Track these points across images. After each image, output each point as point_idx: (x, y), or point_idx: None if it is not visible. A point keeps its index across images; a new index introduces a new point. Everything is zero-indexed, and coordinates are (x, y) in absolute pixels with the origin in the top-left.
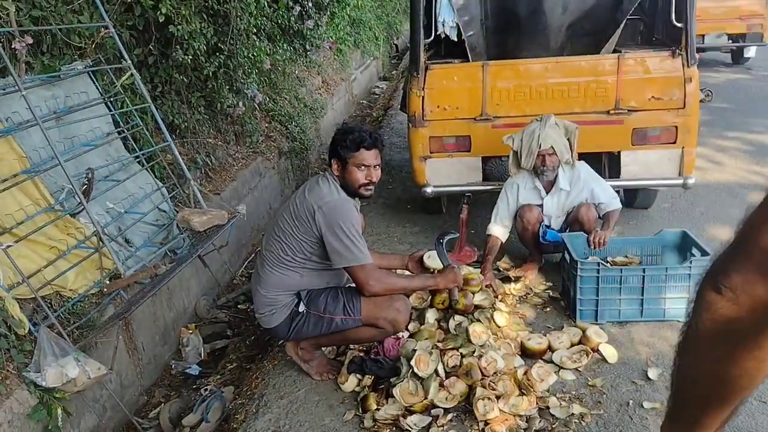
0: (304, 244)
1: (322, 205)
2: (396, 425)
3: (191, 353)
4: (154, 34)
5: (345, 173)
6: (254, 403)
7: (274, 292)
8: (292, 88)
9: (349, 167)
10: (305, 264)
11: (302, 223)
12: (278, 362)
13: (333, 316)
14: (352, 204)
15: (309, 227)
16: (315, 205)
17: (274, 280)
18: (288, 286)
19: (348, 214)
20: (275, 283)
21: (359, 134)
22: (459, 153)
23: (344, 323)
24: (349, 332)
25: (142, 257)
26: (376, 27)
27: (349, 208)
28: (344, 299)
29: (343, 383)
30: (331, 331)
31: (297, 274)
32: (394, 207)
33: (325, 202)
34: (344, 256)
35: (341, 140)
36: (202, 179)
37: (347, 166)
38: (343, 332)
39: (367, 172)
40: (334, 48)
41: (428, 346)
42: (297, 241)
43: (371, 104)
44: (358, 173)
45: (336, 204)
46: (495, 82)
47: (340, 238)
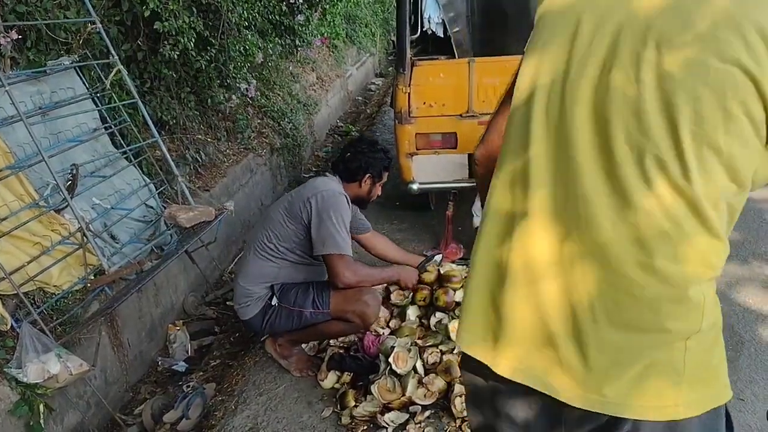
0: (291, 232)
1: (317, 193)
2: (373, 422)
3: (178, 350)
4: (143, 29)
5: (371, 188)
6: (234, 400)
7: (251, 283)
8: (285, 84)
9: (376, 184)
10: (286, 255)
11: (294, 210)
12: (259, 359)
13: (302, 309)
14: (347, 200)
15: (299, 214)
16: (312, 192)
17: (253, 270)
18: (264, 277)
19: (341, 207)
20: (253, 273)
21: (391, 157)
22: (445, 150)
23: (314, 317)
24: (321, 326)
25: (128, 253)
26: (372, 23)
27: (344, 202)
28: (314, 293)
29: (323, 380)
30: (303, 324)
31: (275, 266)
32: (383, 204)
33: (322, 191)
34: (326, 242)
35: (384, 161)
36: (191, 175)
37: (376, 183)
38: (315, 327)
39: (381, 188)
40: (326, 44)
41: (407, 343)
42: (284, 228)
43: (366, 100)
44: (379, 189)
45: (333, 194)
46: (481, 79)
47: (326, 224)
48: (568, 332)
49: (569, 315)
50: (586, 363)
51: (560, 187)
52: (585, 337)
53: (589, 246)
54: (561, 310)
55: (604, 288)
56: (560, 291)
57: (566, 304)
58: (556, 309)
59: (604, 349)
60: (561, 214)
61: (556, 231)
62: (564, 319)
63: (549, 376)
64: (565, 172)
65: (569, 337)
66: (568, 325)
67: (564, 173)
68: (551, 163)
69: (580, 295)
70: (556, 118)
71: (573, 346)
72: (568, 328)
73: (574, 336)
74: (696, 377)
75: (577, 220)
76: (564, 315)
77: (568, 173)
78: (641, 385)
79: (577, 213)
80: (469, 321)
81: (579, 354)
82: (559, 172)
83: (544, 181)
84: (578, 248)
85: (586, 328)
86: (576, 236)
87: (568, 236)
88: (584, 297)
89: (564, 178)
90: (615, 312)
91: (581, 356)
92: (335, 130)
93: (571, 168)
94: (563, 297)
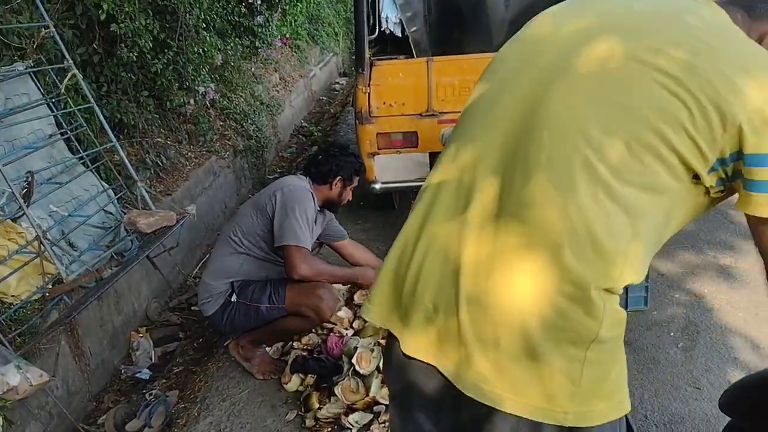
0: (256, 225)
1: (284, 187)
2: (338, 423)
3: (142, 357)
4: (98, 32)
5: (342, 191)
6: (196, 407)
7: (214, 278)
8: (247, 86)
9: (348, 188)
10: (250, 250)
11: (260, 204)
12: (222, 364)
13: (259, 304)
14: (312, 198)
15: (265, 207)
16: (278, 186)
17: (217, 265)
18: (226, 273)
19: (306, 202)
20: (216, 268)
21: (362, 162)
22: (406, 149)
23: (270, 312)
24: (278, 323)
25: (88, 261)
26: (335, 23)
27: (309, 198)
28: (270, 289)
29: (286, 383)
30: (260, 321)
31: (238, 261)
32: (346, 205)
33: (288, 185)
34: (285, 233)
35: (356, 165)
36: (152, 180)
37: (346, 187)
38: (272, 324)
39: (352, 193)
40: (288, 44)
41: (370, 343)
42: (250, 221)
43: (331, 100)
44: (350, 193)
45: (298, 189)
46: (440, 78)
47: (288, 216)
48: (471, 320)
49: (475, 304)
50: (485, 353)
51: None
52: (486, 327)
53: (509, 238)
54: (466, 298)
55: (516, 278)
56: (470, 275)
57: (474, 295)
58: (464, 296)
59: (502, 343)
60: (495, 203)
61: (489, 216)
62: (467, 305)
63: (444, 357)
64: (510, 164)
65: (471, 325)
66: (474, 313)
67: (508, 166)
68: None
69: (490, 285)
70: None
71: (475, 339)
72: (473, 316)
73: (475, 324)
74: (592, 390)
75: (509, 205)
76: (469, 303)
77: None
78: (534, 383)
79: (510, 198)
80: (378, 294)
81: (480, 345)
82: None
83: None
84: (497, 236)
85: (489, 318)
86: (500, 224)
87: (492, 224)
88: (493, 289)
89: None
90: (521, 304)
91: (482, 347)
92: (299, 130)
93: (511, 162)
94: (472, 286)
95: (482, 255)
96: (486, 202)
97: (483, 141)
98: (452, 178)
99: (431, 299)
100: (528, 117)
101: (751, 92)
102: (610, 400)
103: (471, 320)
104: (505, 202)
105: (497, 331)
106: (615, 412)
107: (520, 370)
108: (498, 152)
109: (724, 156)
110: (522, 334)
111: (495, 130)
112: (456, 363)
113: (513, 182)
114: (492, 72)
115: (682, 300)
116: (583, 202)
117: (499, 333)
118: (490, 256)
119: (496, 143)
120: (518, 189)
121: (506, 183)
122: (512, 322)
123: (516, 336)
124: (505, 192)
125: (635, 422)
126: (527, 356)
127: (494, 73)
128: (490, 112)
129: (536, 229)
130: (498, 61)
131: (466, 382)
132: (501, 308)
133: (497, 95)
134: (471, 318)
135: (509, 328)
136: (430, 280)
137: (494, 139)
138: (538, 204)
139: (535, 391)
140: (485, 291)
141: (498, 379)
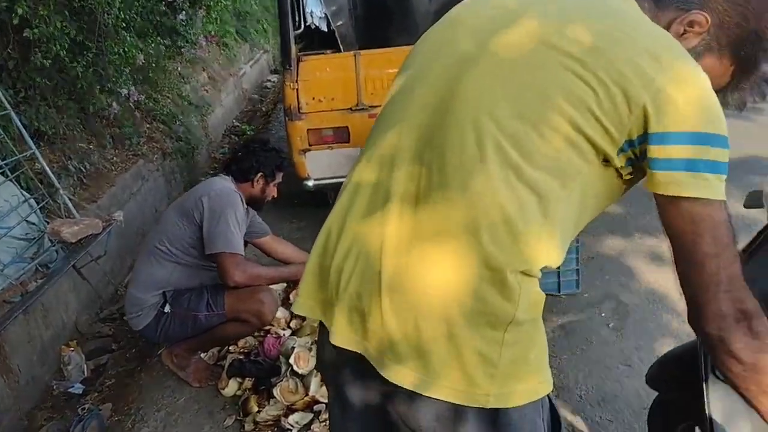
0: (183, 233)
1: (210, 191)
2: (278, 425)
3: (74, 371)
4: (12, 37)
5: (265, 188)
6: (131, 419)
7: (142, 290)
8: (174, 86)
9: (271, 184)
10: (179, 258)
11: (186, 210)
12: (156, 374)
13: (197, 313)
14: (240, 199)
15: (191, 213)
16: (204, 191)
17: (144, 277)
18: (156, 284)
19: (234, 205)
20: (144, 280)
21: (284, 156)
22: (338, 144)
23: (209, 320)
24: (217, 330)
25: (11, 275)
26: (263, 19)
27: (237, 200)
28: (208, 296)
29: (224, 388)
30: (199, 329)
31: (167, 270)
32: (280, 203)
33: (214, 189)
34: (216, 240)
35: (276, 160)
36: (76, 187)
37: (269, 183)
38: (212, 331)
39: (277, 188)
40: (215, 42)
41: (308, 342)
42: (176, 229)
43: (263, 98)
44: (274, 190)
45: (225, 192)
46: (368, 71)
47: (218, 222)
48: (393, 307)
49: (396, 291)
50: (406, 339)
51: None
52: (407, 313)
53: (430, 223)
54: (388, 285)
55: (437, 259)
56: (392, 256)
57: (396, 283)
58: (385, 284)
59: (422, 329)
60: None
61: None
62: (389, 293)
63: (370, 345)
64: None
65: (393, 313)
66: (395, 300)
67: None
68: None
69: (410, 272)
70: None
71: (397, 326)
72: (394, 303)
73: (396, 311)
74: (512, 371)
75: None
76: (390, 291)
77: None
78: (455, 367)
79: (432, 178)
80: (306, 287)
81: (402, 332)
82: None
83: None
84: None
85: (410, 304)
86: (419, 212)
87: (413, 206)
88: (413, 275)
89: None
90: (439, 288)
91: (403, 333)
92: (232, 130)
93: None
94: (393, 274)
95: (402, 243)
96: (405, 191)
97: (400, 131)
98: (372, 170)
99: (355, 289)
100: (442, 104)
101: (654, 73)
102: (530, 380)
103: (392, 307)
104: (423, 190)
105: (418, 317)
106: (536, 393)
107: (441, 355)
108: (415, 141)
109: (632, 137)
110: (441, 318)
111: (412, 119)
112: (380, 350)
113: (430, 170)
114: (409, 62)
115: (612, 282)
116: (495, 186)
117: (420, 319)
118: (410, 244)
119: (413, 133)
120: (435, 176)
121: (424, 171)
122: (432, 308)
123: (436, 321)
124: (423, 180)
125: (571, 402)
126: (447, 340)
127: (411, 64)
128: (407, 101)
129: (452, 214)
130: (415, 51)
131: (390, 369)
132: (421, 294)
133: (414, 84)
134: (392, 305)
135: (429, 314)
136: (354, 270)
137: (411, 128)
138: (453, 189)
139: (457, 375)
140: (406, 278)
141: (420, 365)
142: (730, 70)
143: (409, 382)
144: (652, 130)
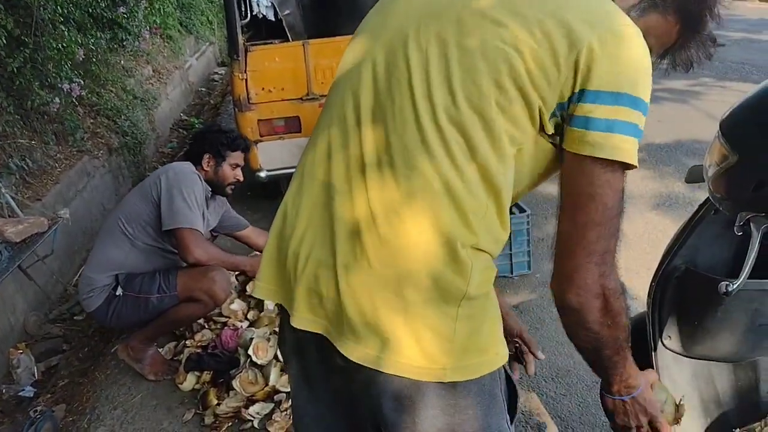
0: (141, 211)
1: (168, 171)
2: (238, 417)
3: (23, 374)
4: None
5: (218, 170)
6: (86, 419)
7: (96, 271)
8: (117, 80)
9: (224, 165)
10: (136, 239)
11: (145, 189)
12: (111, 372)
13: (149, 295)
14: (199, 178)
15: (150, 192)
16: (163, 171)
17: (100, 256)
18: (110, 265)
19: (193, 183)
20: (99, 261)
21: (236, 135)
22: (290, 134)
23: (161, 302)
24: (170, 312)
25: None
26: (208, 10)
27: (196, 179)
28: (160, 278)
29: (182, 383)
30: (151, 312)
31: (122, 252)
32: (234, 195)
33: (173, 168)
34: (175, 216)
35: (221, 138)
36: (19, 185)
37: (222, 164)
38: (165, 314)
39: (237, 171)
40: (159, 34)
41: (266, 333)
42: (135, 207)
43: (210, 91)
44: (231, 171)
45: (183, 171)
46: (317, 61)
47: (176, 198)
48: (349, 286)
49: (352, 270)
50: (363, 317)
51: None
52: (363, 291)
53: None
54: (343, 264)
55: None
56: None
57: (351, 261)
58: (341, 263)
59: (378, 306)
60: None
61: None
62: (345, 271)
63: (330, 325)
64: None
65: (350, 292)
66: (351, 279)
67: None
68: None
69: (364, 250)
70: None
71: (354, 304)
72: (350, 282)
73: (352, 290)
74: (466, 345)
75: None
76: (346, 269)
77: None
78: (412, 343)
79: (390, 158)
80: (265, 271)
81: (358, 309)
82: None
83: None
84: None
85: (365, 282)
86: (372, 189)
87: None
88: (367, 253)
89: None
90: (393, 267)
91: (360, 311)
92: (179, 124)
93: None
94: (348, 252)
95: (355, 223)
96: (354, 172)
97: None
98: (322, 152)
99: (312, 271)
100: (384, 84)
101: (584, 32)
102: (485, 353)
103: (349, 287)
104: (372, 170)
105: (374, 295)
106: (492, 364)
107: (398, 331)
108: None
109: (563, 100)
110: (397, 296)
111: (358, 97)
112: (339, 330)
113: (377, 150)
114: (355, 42)
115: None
116: (439, 162)
117: (376, 297)
118: (363, 222)
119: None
120: (383, 156)
121: (371, 151)
122: (387, 286)
123: (391, 299)
124: (371, 160)
125: (526, 379)
126: (403, 317)
127: (356, 42)
128: (354, 79)
129: (402, 191)
130: (359, 31)
131: (350, 347)
132: (375, 272)
133: (359, 62)
134: (348, 284)
135: (384, 291)
136: (311, 251)
137: (357, 107)
138: (402, 166)
139: (414, 351)
140: (360, 255)
141: (378, 342)
142: (675, 29)
143: (368, 360)
144: (578, 88)
